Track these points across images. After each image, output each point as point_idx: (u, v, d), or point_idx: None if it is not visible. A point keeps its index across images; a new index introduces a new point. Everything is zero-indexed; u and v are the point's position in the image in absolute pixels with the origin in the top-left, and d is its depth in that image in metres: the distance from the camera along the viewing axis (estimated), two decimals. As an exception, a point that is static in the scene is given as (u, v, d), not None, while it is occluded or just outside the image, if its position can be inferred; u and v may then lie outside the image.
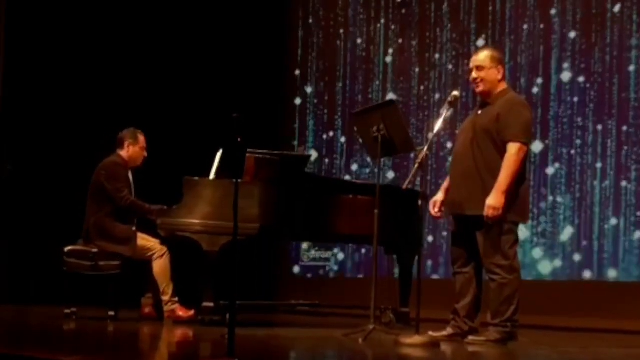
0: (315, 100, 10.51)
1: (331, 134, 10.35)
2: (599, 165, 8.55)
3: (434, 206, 6.12)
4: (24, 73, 9.19)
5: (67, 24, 9.36)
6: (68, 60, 9.36)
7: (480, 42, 9.26)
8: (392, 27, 9.98)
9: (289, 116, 10.64)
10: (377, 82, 10.05)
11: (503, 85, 6.06)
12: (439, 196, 6.13)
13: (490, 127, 5.89)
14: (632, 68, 8.44)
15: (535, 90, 8.93)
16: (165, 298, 7.26)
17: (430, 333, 5.89)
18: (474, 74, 6.04)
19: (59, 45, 9.32)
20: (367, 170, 9.98)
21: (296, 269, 10.40)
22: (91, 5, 9.49)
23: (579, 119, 8.70)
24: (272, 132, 10.11)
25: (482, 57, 6.06)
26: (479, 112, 6.06)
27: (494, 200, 5.76)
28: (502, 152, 5.85)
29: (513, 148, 5.82)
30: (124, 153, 7.52)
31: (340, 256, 10.11)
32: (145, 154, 7.59)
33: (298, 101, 10.63)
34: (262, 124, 9.47)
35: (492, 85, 6.02)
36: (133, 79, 9.68)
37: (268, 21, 10.53)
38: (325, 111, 10.43)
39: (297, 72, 10.67)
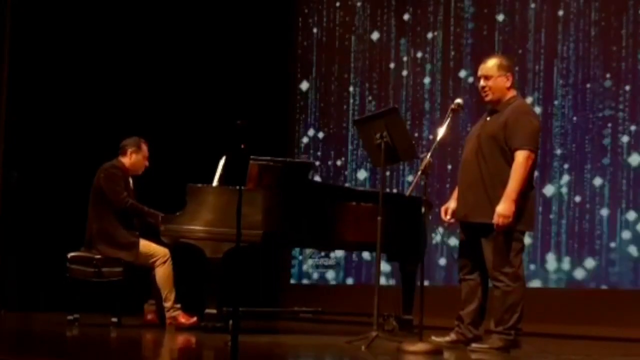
0: (321, 106, 10.47)
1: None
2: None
3: (446, 213, 6.11)
4: (30, 81, 9.19)
5: (72, 33, 9.36)
6: (73, 67, 9.35)
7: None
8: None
9: (293, 122, 10.62)
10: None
11: (512, 93, 6.03)
12: (451, 203, 6.12)
13: (498, 134, 5.87)
14: None
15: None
16: (168, 305, 7.26)
17: (433, 338, 5.89)
18: (482, 83, 6.02)
19: (64, 54, 9.32)
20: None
21: (299, 276, 10.38)
22: (95, 14, 9.49)
23: None
24: (276, 139, 10.10)
25: (490, 65, 6.02)
26: (488, 118, 6.03)
27: (504, 209, 5.73)
28: (508, 159, 5.83)
29: (521, 155, 5.79)
30: (125, 160, 7.52)
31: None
32: (147, 163, 7.59)
33: (302, 106, 10.60)
34: (266, 130, 9.45)
35: (500, 93, 5.99)
36: (137, 86, 9.68)
37: (274, 30, 10.52)
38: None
39: (302, 79, 10.66)
